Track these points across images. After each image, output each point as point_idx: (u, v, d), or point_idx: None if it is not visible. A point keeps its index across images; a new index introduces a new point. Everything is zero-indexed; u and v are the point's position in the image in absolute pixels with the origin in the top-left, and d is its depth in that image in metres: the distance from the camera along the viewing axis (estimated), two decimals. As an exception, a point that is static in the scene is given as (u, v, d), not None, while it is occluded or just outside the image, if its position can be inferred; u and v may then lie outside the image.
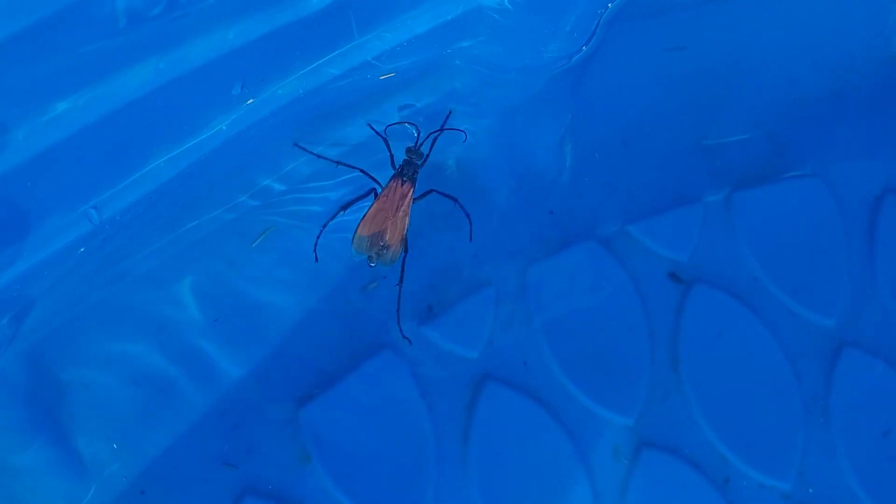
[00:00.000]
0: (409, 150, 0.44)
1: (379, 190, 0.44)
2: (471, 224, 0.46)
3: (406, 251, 0.44)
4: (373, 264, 0.44)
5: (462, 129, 0.46)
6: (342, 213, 0.44)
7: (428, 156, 0.45)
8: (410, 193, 0.44)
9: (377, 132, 0.44)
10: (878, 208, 0.53)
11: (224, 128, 0.38)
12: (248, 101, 0.38)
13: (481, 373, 0.47)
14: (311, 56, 0.38)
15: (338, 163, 0.43)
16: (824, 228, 0.52)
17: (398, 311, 0.45)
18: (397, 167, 0.44)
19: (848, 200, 0.52)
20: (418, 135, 0.45)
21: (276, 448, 0.44)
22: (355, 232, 0.43)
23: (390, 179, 0.44)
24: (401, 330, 0.46)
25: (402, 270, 0.45)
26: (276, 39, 0.36)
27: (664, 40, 0.50)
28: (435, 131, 0.45)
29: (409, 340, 0.46)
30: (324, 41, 0.38)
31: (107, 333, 0.41)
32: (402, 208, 0.44)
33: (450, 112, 0.46)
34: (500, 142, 0.48)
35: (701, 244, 0.51)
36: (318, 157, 0.43)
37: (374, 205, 0.43)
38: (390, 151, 0.44)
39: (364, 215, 0.43)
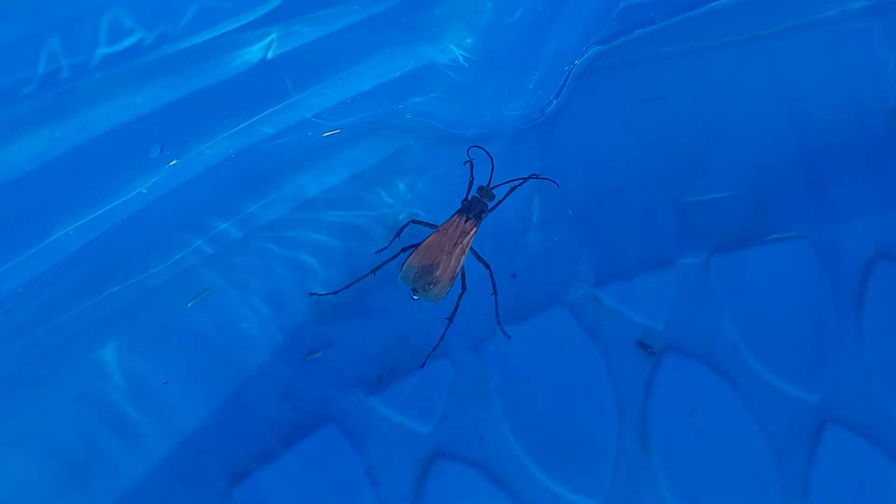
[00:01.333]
0: (480, 188, 0.43)
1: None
2: (496, 294, 0.44)
3: (464, 289, 0.43)
4: (416, 297, 0.42)
5: (538, 176, 0.43)
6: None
7: (501, 201, 0.43)
8: (473, 232, 0.42)
9: (469, 158, 0.42)
10: (868, 274, 0.49)
11: (144, 191, 0.35)
12: (172, 163, 0.35)
13: (433, 449, 0.44)
14: (241, 116, 0.35)
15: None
16: (810, 295, 0.48)
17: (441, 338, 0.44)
18: (465, 203, 0.43)
19: (836, 265, 0.49)
20: (492, 173, 0.43)
21: (206, 528, 0.41)
22: (405, 260, 0.41)
23: (454, 214, 0.43)
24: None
25: (457, 307, 0.43)
26: (194, 101, 0.33)
27: (641, 92, 0.46)
28: (518, 179, 0.43)
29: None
30: (253, 100, 0.35)
31: (19, 406, 0.38)
32: (461, 245, 0.42)
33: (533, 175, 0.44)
34: (460, 199, 0.45)
35: (676, 311, 0.47)
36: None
37: (432, 237, 0.42)
38: (472, 175, 0.43)
39: (419, 244, 0.41)
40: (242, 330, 0.43)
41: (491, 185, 0.43)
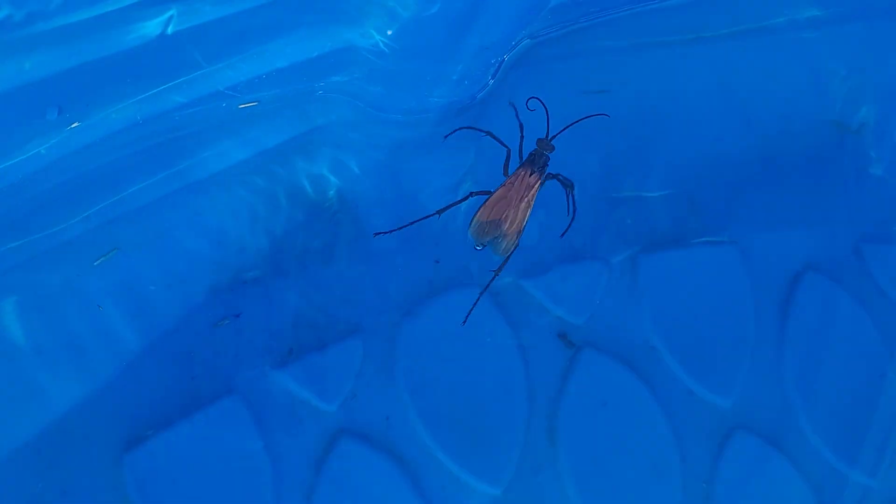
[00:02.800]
0: (539, 141, 0.43)
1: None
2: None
3: (517, 245, 0.43)
4: (479, 248, 0.42)
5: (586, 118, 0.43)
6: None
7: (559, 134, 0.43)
8: (538, 185, 0.43)
9: (515, 109, 0.42)
10: (795, 286, 0.49)
11: (43, 151, 0.33)
12: (73, 125, 0.33)
13: (337, 427, 0.43)
14: (144, 85, 0.33)
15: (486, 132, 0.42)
16: (734, 302, 0.48)
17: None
18: (526, 157, 0.43)
19: (764, 274, 0.48)
20: (549, 127, 0.43)
21: (94, 493, 0.40)
22: (474, 216, 0.42)
23: (518, 167, 0.42)
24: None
25: (506, 261, 0.43)
26: (89, 70, 0.31)
27: (581, 84, 0.45)
28: (574, 122, 0.42)
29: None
30: (157, 70, 0.33)
31: None
32: (527, 198, 0.42)
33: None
34: (386, 179, 0.44)
35: (600, 306, 0.47)
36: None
37: (498, 191, 0.42)
38: (521, 133, 0.43)
39: (486, 200, 0.42)
40: (150, 293, 0.41)
41: (549, 137, 0.43)
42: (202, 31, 0.32)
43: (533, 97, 0.42)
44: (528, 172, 0.43)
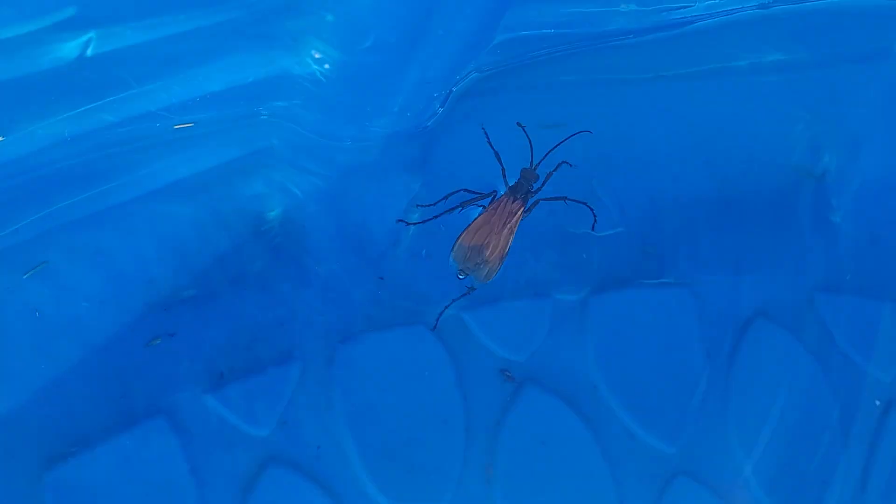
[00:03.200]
0: (524, 170, 0.43)
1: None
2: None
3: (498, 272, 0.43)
4: (462, 276, 0.42)
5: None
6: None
7: (545, 181, 0.43)
8: (521, 212, 0.42)
9: (487, 135, 0.42)
10: (744, 333, 0.48)
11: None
12: (-1, 140, 0.33)
13: (267, 455, 0.43)
14: (71, 102, 0.33)
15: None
16: (683, 346, 0.47)
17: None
18: (511, 185, 0.43)
19: (714, 319, 0.48)
20: (532, 156, 0.43)
21: (11, 510, 0.40)
22: (456, 240, 0.42)
23: (503, 194, 0.42)
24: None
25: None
26: (8, 87, 0.31)
27: (537, 117, 0.44)
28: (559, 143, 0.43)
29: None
30: (81, 90, 0.33)
31: None
32: (509, 225, 0.42)
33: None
34: (330, 204, 0.43)
35: (544, 344, 0.46)
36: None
37: (481, 217, 0.42)
38: (501, 164, 0.43)
39: (468, 225, 0.42)
40: (82, 308, 0.41)
41: (533, 166, 0.43)
42: (127, 53, 0.31)
43: (518, 123, 0.42)
44: (511, 199, 0.42)
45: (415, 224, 0.43)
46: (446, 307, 0.43)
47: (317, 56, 0.33)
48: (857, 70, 0.47)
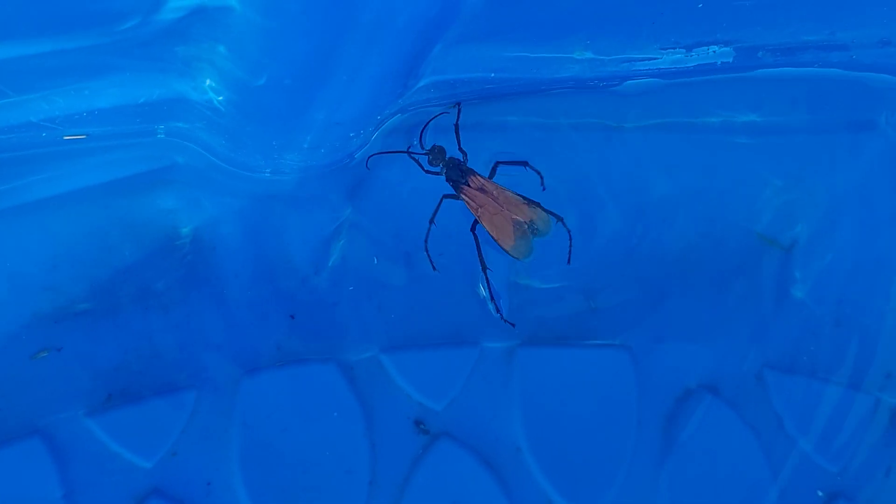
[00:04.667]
0: (430, 159, 0.40)
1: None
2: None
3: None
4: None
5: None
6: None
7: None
8: (481, 178, 0.40)
9: (416, 160, 0.40)
10: (683, 403, 0.45)
11: None
12: None
13: (150, 487, 0.40)
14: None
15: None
16: (616, 413, 0.44)
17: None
18: (450, 180, 0.40)
19: (653, 387, 0.44)
20: (422, 136, 0.40)
21: None
22: (503, 248, 0.41)
23: (462, 192, 0.40)
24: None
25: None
26: None
27: (481, 153, 0.41)
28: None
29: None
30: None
31: None
32: (498, 193, 0.40)
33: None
34: (247, 225, 0.40)
35: (464, 395, 0.43)
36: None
37: (484, 217, 0.40)
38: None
39: (491, 234, 0.40)
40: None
41: (422, 143, 0.40)
42: (3, 65, 0.28)
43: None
44: (468, 184, 0.40)
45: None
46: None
47: (211, 84, 0.30)
48: (839, 140, 0.43)
